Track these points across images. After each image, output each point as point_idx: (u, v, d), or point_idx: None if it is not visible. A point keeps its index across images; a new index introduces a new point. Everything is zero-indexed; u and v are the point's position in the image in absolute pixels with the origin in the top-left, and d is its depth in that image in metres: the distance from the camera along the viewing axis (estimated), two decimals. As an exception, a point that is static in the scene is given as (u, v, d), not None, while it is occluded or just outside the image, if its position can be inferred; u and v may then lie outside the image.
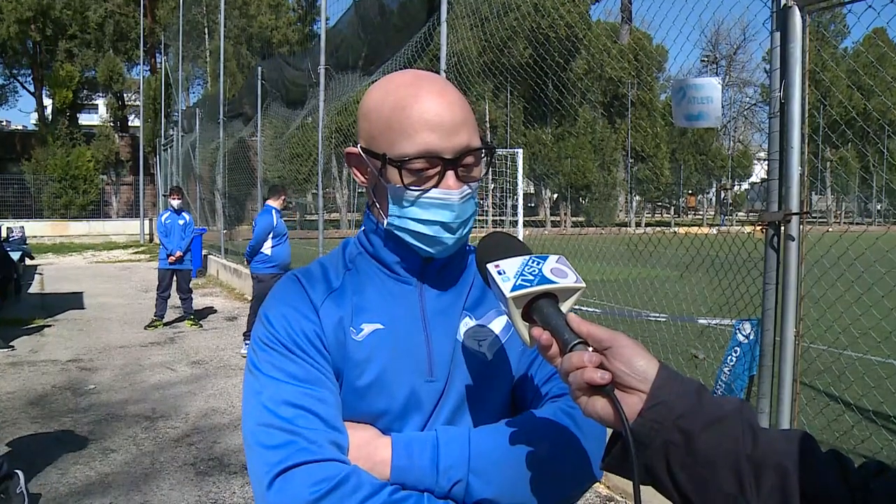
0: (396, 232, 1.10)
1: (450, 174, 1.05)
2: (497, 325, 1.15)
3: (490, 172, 11.83)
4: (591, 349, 0.85)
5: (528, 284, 0.90)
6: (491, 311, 1.16)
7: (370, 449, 1.04)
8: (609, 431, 0.89)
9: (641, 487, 0.79)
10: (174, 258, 9.72)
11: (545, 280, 0.91)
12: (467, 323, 1.15)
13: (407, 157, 1.04)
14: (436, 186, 1.05)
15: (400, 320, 1.12)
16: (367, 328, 1.10)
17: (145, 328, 9.72)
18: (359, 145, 1.13)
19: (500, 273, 0.93)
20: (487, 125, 34.17)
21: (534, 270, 0.92)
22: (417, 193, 1.06)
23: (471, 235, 1.21)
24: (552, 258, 0.95)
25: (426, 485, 1.01)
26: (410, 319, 1.12)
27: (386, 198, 1.10)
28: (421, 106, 1.04)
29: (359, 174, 1.16)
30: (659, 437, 0.80)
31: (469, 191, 1.08)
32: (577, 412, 0.98)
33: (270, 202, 8.26)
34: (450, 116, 1.05)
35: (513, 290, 0.90)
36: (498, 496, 1.01)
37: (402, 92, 1.07)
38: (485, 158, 1.11)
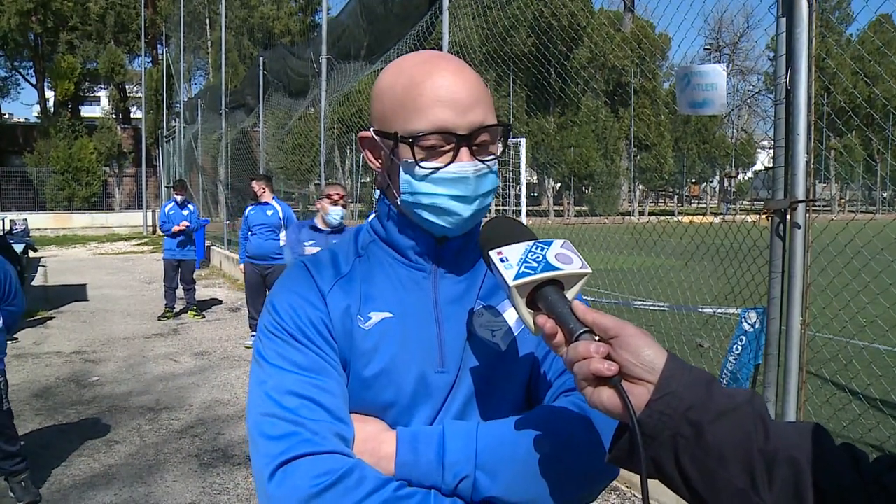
0: (410, 208, 1.06)
1: (464, 151, 1.01)
2: (512, 315, 1.10)
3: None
4: (597, 338, 0.82)
5: (532, 272, 0.87)
6: (506, 300, 1.11)
7: (375, 443, 1.00)
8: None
9: (648, 481, 0.77)
10: (178, 228, 9.68)
11: (550, 267, 0.87)
12: (481, 313, 1.10)
13: (419, 133, 1.00)
14: (450, 163, 1.02)
15: (410, 309, 1.08)
16: (376, 317, 1.07)
17: (158, 318, 9.78)
18: (371, 128, 1.09)
19: (502, 260, 0.89)
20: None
21: (538, 257, 0.89)
22: (430, 171, 1.02)
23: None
24: (557, 243, 0.92)
25: (432, 481, 0.97)
26: (421, 308, 1.08)
27: (398, 176, 1.06)
28: (434, 82, 1.01)
29: (372, 158, 1.13)
30: (667, 429, 0.78)
31: (485, 166, 1.03)
32: None
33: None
34: (465, 93, 1.01)
35: (516, 277, 0.87)
36: (507, 493, 0.97)
37: (415, 70, 1.03)
38: (501, 137, 1.07)
